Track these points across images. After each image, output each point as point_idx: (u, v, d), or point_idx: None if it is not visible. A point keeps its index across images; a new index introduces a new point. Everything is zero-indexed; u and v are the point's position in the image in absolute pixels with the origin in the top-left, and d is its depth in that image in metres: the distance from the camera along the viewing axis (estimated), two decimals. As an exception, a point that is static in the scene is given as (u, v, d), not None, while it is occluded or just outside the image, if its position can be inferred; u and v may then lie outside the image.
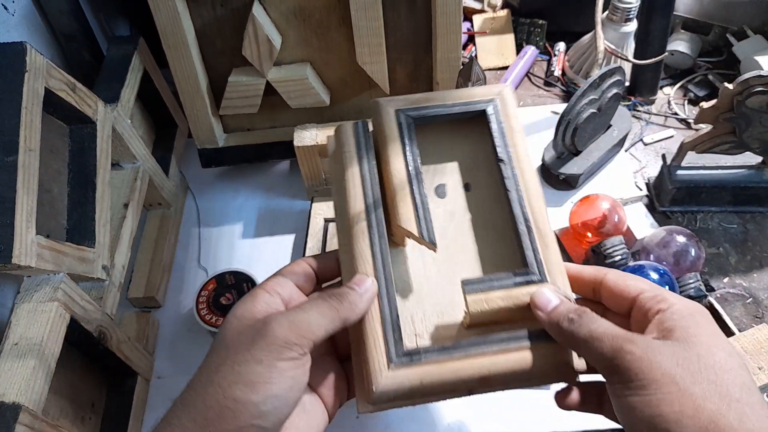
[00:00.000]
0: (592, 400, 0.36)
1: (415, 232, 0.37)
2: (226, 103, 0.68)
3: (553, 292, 0.35)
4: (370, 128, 0.43)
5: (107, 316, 0.52)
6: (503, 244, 0.40)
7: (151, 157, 0.66)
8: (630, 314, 0.34)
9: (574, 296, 0.37)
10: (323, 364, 0.37)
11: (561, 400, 0.36)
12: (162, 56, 0.64)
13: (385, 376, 0.34)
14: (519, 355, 0.34)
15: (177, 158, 0.74)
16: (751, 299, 0.62)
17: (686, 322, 0.30)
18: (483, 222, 0.41)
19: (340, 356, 0.39)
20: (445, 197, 0.42)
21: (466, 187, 0.42)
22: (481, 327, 0.36)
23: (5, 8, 0.60)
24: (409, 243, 0.40)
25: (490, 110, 0.42)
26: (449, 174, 0.43)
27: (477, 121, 0.42)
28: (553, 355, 0.35)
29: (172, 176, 0.72)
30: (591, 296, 0.37)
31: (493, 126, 0.41)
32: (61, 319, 0.44)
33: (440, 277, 0.39)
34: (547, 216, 0.39)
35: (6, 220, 0.41)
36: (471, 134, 0.43)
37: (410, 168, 0.40)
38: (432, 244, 0.37)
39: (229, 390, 0.30)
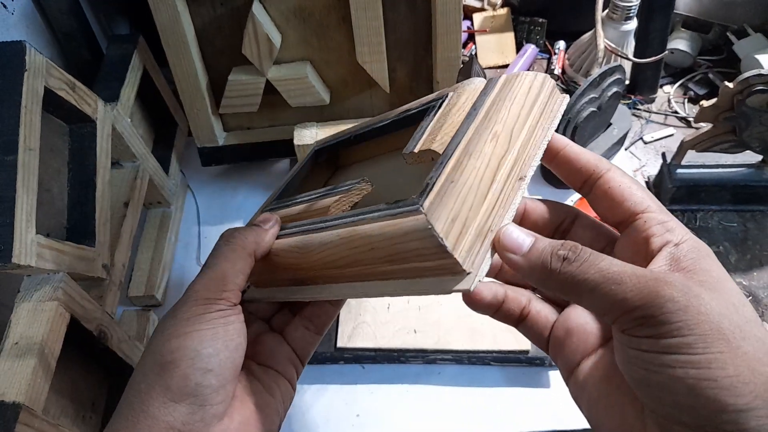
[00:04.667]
0: (513, 315, 0.30)
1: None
2: (226, 102, 0.68)
3: (521, 230, 0.25)
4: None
5: (107, 315, 0.51)
6: None
7: (151, 155, 0.66)
8: (619, 229, 0.28)
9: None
10: (266, 342, 0.36)
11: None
12: (162, 55, 0.64)
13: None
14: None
15: (177, 157, 0.74)
16: (750, 298, 0.62)
17: (707, 265, 0.24)
18: None
19: (277, 330, 0.37)
20: None
21: None
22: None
23: (5, 7, 0.60)
24: None
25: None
26: None
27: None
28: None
29: (172, 175, 0.72)
30: (578, 189, 0.30)
31: None
32: (61, 318, 0.44)
33: None
34: None
35: (6, 219, 0.41)
36: None
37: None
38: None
39: (148, 374, 0.28)
